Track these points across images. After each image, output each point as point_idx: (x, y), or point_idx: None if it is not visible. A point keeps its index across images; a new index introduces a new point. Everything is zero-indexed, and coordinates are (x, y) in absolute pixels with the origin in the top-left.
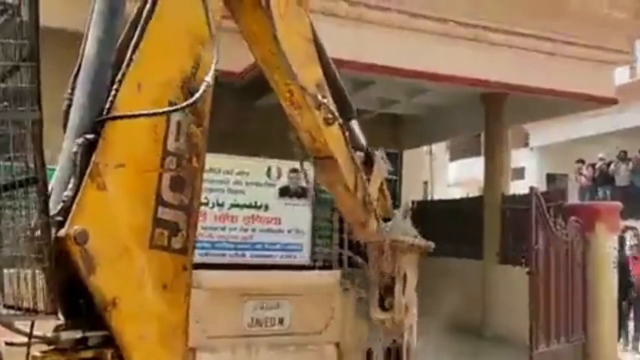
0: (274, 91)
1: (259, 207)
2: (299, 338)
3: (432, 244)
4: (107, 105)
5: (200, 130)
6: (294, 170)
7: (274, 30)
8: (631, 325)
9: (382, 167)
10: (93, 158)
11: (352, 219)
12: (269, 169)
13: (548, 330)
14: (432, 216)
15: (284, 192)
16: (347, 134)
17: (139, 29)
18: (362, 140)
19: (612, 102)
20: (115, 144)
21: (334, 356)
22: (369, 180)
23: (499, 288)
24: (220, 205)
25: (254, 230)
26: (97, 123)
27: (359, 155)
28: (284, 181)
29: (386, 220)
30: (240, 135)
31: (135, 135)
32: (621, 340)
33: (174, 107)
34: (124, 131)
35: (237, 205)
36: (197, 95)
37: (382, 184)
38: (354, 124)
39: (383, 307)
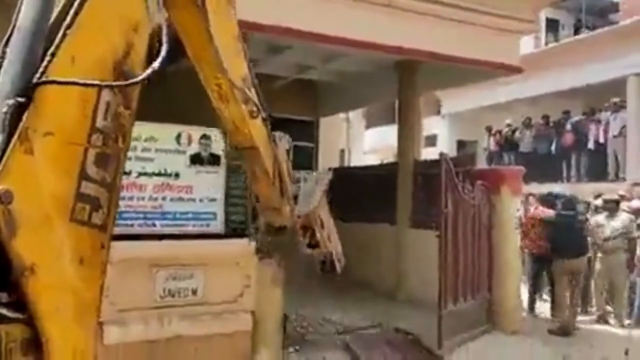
0: (184, 56)
1: (169, 175)
2: (214, 307)
3: (330, 175)
4: (39, 75)
5: (128, 113)
6: (205, 137)
7: (207, 26)
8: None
9: (283, 145)
10: (23, 121)
11: (268, 205)
12: (178, 136)
13: (456, 290)
14: (348, 183)
15: (195, 159)
16: (269, 126)
17: (76, 5)
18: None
19: (518, 70)
20: (45, 111)
21: (249, 324)
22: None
23: (411, 252)
24: (127, 173)
25: (164, 199)
26: (29, 87)
27: None
28: (194, 148)
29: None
30: (147, 100)
31: (65, 106)
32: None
33: (116, 83)
34: (55, 100)
35: (145, 174)
36: (140, 77)
37: (286, 159)
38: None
39: (310, 246)
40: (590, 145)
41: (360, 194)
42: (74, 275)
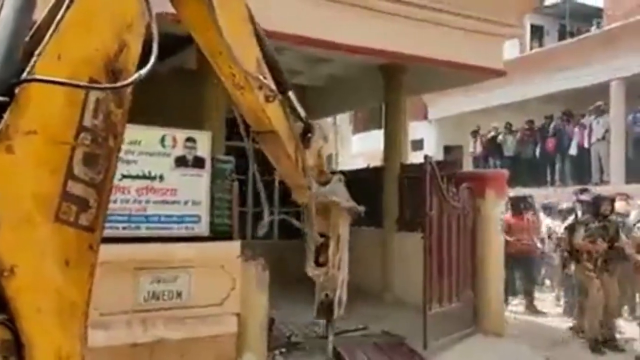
0: (169, 57)
1: (153, 178)
2: (198, 310)
3: (362, 208)
4: (24, 73)
5: (121, 112)
6: (190, 140)
7: (215, 19)
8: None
9: (319, 136)
10: (4, 119)
11: (292, 184)
12: (163, 138)
13: (441, 291)
14: None
15: (180, 162)
16: (287, 108)
17: (66, 2)
18: (301, 111)
19: (501, 74)
20: (28, 109)
21: (234, 326)
22: (308, 148)
23: (398, 255)
24: None
25: (148, 202)
26: (10, 85)
27: (299, 125)
28: (179, 151)
29: (324, 183)
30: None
31: (50, 104)
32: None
33: (98, 86)
34: (39, 98)
35: (129, 176)
36: (126, 81)
37: (319, 151)
38: (291, 95)
39: (318, 264)
40: (573, 149)
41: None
42: (58, 276)
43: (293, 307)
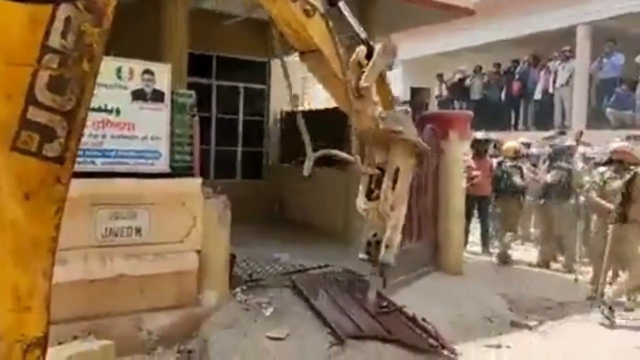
0: None
1: (110, 111)
2: (158, 247)
3: (429, 148)
4: None
5: (98, 32)
6: (148, 72)
7: None
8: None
9: (381, 59)
10: None
11: (346, 108)
12: (119, 70)
13: (402, 232)
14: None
15: (137, 95)
16: (330, 23)
17: None
18: (356, 25)
19: (470, 13)
20: None
21: (195, 263)
22: (363, 71)
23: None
24: None
25: (104, 136)
26: None
27: (362, 49)
28: (137, 83)
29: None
30: None
31: (6, 22)
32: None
33: None
34: None
35: None
36: None
37: (382, 75)
38: (344, 9)
39: (369, 198)
40: (538, 94)
41: (311, 137)
42: (14, 210)
43: (255, 245)
